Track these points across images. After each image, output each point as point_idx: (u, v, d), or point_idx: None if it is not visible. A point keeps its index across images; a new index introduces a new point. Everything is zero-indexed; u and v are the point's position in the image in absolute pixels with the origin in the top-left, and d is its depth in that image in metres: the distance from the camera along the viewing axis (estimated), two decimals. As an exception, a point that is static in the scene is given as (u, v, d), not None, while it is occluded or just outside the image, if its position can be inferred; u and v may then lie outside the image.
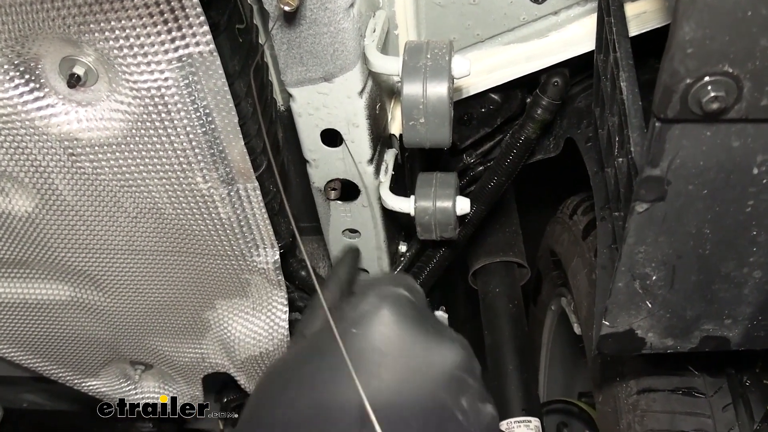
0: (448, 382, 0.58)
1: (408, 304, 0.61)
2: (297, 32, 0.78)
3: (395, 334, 0.59)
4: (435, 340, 0.59)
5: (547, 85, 1.00)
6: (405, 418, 0.57)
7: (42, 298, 0.99)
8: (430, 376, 0.58)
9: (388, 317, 0.59)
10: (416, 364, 0.58)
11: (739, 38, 0.46)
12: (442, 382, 0.58)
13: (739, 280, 0.63)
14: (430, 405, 0.57)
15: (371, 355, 0.58)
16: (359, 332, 0.59)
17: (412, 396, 0.57)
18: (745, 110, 0.49)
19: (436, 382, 0.58)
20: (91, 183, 0.80)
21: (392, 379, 0.58)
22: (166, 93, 0.71)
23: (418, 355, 0.59)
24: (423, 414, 0.57)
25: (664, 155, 0.53)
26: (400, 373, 0.58)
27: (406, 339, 0.59)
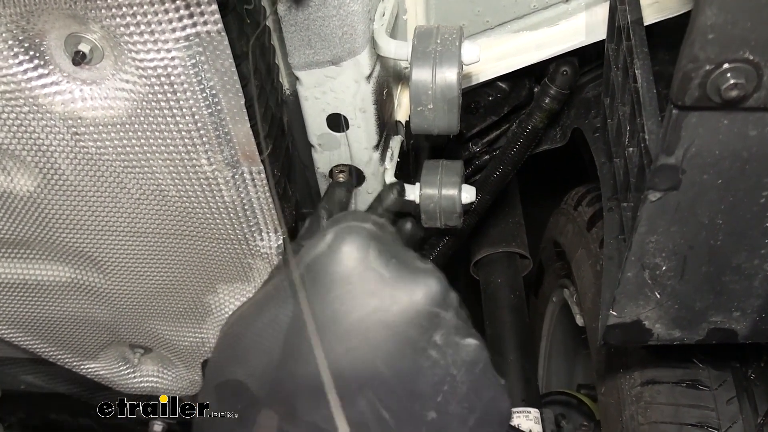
0: (415, 319, 0.56)
1: (372, 239, 0.58)
2: (305, 14, 0.77)
3: (356, 273, 0.56)
4: (403, 276, 0.57)
5: (555, 74, 0.99)
6: (372, 366, 0.55)
7: (42, 279, 0.98)
8: (395, 315, 0.55)
9: (349, 254, 0.56)
10: (379, 304, 0.56)
11: (761, 25, 0.45)
12: (408, 319, 0.56)
13: (750, 272, 0.62)
14: (395, 346, 0.55)
15: (330, 300, 0.56)
16: (317, 275, 0.56)
17: (376, 340, 0.55)
18: (765, 99, 0.49)
19: (402, 320, 0.55)
20: (94, 163, 0.79)
21: (352, 326, 0.55)
22: (173, 72, 0.70)
23: (383, 294, 0.56)
24: (389, 357, 0.55)
25: (679, 143, 0.53)
26: (361, 318, 0.55)
27: (368, 277, 0.56)
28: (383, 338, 0.55)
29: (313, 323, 0.53)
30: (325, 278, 0.56)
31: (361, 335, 0.55)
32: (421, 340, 0.56)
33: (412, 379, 0.57)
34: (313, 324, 0.53)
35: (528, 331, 1.28)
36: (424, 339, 0.56)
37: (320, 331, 0.55)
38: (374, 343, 0.55)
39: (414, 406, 0.57)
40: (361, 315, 0.55)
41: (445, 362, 0.58)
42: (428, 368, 0.57)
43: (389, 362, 0.56)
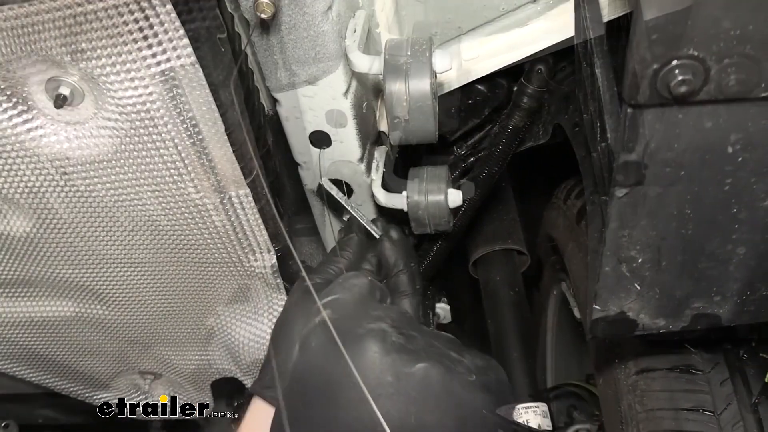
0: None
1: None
2: (277, 38, 0.79)
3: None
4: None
5: (531, 73, 1.00)
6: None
7: (47, 315, 1.00)
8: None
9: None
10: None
11: (701, 21, 0.47)
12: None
13: (725, 257, 0.64)
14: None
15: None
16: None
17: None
18: (714, 91, 0.50)
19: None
20: (85, 200, 0.81)
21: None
22: (152, 107, 0.72)
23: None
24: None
25: (638, 140, 0.54)
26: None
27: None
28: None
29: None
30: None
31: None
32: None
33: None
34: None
35: (530, 327, 1.29)
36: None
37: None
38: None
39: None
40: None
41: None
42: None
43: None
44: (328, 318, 0.64)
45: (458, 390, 0.62)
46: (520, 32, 0.93)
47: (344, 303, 0.68)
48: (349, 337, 0.62)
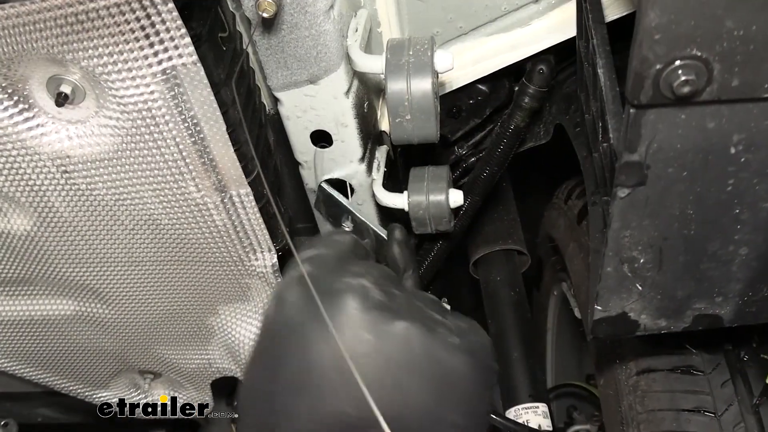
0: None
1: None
2: (279, 37, 0.79)
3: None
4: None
5: (532, 73, 1.00)
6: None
7: (47, 314, 1.00)
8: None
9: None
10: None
11: (705, 21, 0.47)
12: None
13: (726, 257, 0.64)
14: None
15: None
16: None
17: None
18: (717, 92, 0.50)
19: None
20: (86, 198, 0.81)
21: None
22: (153, 106, 0.72)
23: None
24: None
25: (641, 140, 0.54)
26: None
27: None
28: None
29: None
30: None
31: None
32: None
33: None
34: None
35: (530, 327, 1.29)
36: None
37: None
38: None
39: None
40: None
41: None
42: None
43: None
44: (307, 273, 0.61)
45: (439, 351, 0.59)
46: (521, 32, 0.93)
47: (325, 258, 0.65)
48: (327, 292, 0.59)
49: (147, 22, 0.65)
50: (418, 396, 0.58)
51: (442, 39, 0.96)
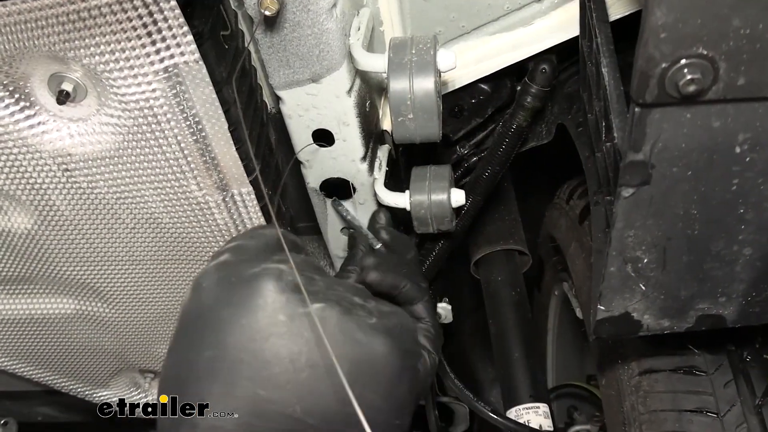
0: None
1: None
2: (281, 36, 0.78)
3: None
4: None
5: (535, 73, 1.00)
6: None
7: (48, 312, 1.00)
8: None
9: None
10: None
11: (711, 20, 0.46)
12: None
13: (730, 258, 0.63)
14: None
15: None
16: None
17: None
18: (723, 91, 0.50)
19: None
20: (87, 197, 0.81)
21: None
22: (155, 104, 0.72)
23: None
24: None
25: (645, 139, 0.54)
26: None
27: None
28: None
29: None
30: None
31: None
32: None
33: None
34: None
35: (531, 327, 1.28)
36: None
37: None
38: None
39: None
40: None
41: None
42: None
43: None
44: (226, 260, 0.61)
45: (355, 331, 0.59)
46: (524, 31, 0.92)
47: (246, 248, 0.64)
48: (243, 277, 0.60)
49: (149, 19, 0.64)
50: (333, 375, 0.57)
51: (444, 38, 0.96)
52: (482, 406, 1.12)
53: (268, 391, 0.56)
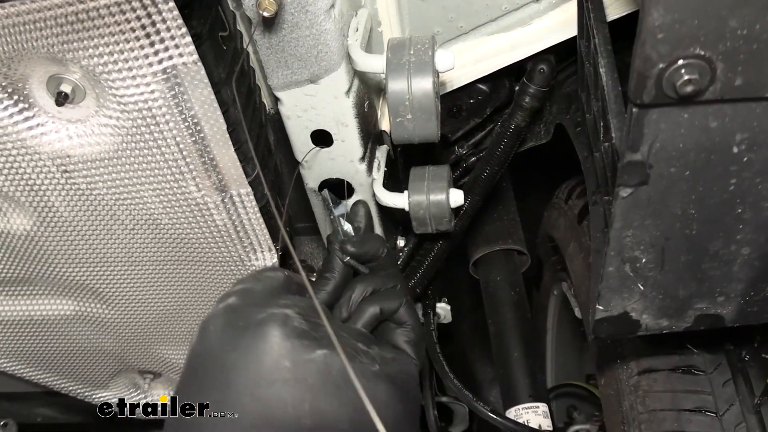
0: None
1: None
2: (279, 36, 0.78)
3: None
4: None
5: (533, 73, 1.00)
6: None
7: (47, 313, 1.00)
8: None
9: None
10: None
11: (708, 21, 0.47)
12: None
13: (729, 257, 0.63)
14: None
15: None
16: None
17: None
18: (720, 91, 0.50)
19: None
20: (86, 198, 0.81)
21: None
22: (154, 105, 0.72)
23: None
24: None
25: (643, 140, 0.54)
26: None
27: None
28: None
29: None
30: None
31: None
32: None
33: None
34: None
35: (530, 327, 1.29)
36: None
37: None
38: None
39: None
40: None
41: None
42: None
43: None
44: (232, 304, 0.62)
45: (358, 378, 0.59)
46: (522, 31, 0.93)
47: (252, 292, 0.66)
48: (250, 322, 0.61)
49: (147, 21, 0.64)
50: (337, 423, 0.58)
51: (442, 38, 0.96)
52: (481, 406, 1.12)
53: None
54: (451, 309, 1.31)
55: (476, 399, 1.14)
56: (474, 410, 1.15)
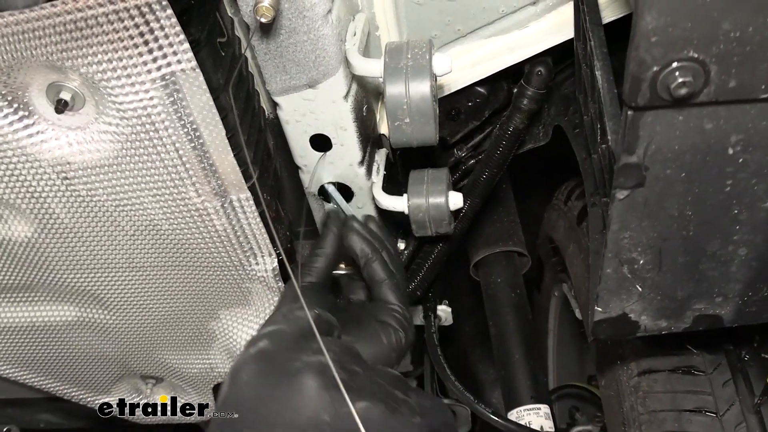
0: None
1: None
2: (277, 42, 0.79)
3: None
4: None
5: (531, 75, 1.00)
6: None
7: (49, 320, 1.00)
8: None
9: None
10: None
11: (701, 24, 0.47)
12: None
13: (726, 258, 0.64)
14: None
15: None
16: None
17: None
18: (714, 93, 0.50)
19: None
20: (86, 204, 0.81)
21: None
22: (153, 112, 0.72)
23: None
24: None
25: (639, 142, 0.54)
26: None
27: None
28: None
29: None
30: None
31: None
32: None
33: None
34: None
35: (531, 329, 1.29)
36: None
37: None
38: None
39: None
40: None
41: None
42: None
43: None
44: (264, 349, 0.61)
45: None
46: (519, 34, 0.93)
47: (284, 335, 0.64)
48: (285, 371, 0.59)
49: (146, 28, 0.65)
50: None
51: (440, 42, 0.96)
52: (483, 408, 1.12)
53: None
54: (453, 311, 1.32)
55: (478, 401, 1.14)
56: (476, 412, 1.15)
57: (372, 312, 0.83)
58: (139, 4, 0.63)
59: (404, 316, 0.81)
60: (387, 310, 0.81)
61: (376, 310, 0.82)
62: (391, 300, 0.83)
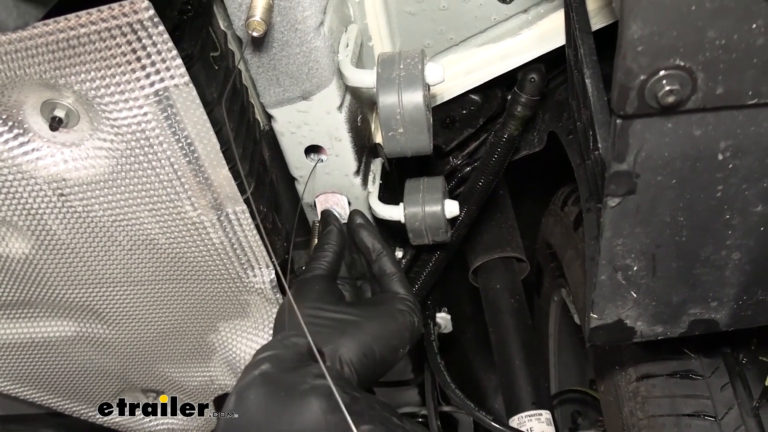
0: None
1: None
2: (270, 55, 0.79)
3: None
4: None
5: (524, 82, 1.01)
6: None
7: (48, 335, 1.00)
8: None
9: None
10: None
11: (686, 32, 0.47)
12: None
13: (719, 262, 0.64)
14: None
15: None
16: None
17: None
18: (702, 100, 0.50)
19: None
20: (83, 220, 0.82)
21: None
22: (147, 127, 0.72)
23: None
24: None
25: (629, 150, 0.54)
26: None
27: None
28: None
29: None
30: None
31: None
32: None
33: None
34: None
35: (532, 334, 1.28)
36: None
37: None
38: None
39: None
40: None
41: None
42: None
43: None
44: (268, 371, 0.62)
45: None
46: (511, 41, 0.93)
47: (284, 359, 0.66)
48: (292, 392, 0.60)
49: (138, 45, 0.65)
50: None
51: (433, 51, 0.97)
52: (484, 416, 1.12)
53: None
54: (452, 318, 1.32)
55: (478, 408, 1.14)
56: (476, 420, 1.15)
57: (384, 299, 0.87)
58: (131, 22, 0.63)
59: (415, 304, 0.85)
60: (398, 299, 0.85)
61: (388, 299, 0.87)
62: (400, 291, 0.87)
